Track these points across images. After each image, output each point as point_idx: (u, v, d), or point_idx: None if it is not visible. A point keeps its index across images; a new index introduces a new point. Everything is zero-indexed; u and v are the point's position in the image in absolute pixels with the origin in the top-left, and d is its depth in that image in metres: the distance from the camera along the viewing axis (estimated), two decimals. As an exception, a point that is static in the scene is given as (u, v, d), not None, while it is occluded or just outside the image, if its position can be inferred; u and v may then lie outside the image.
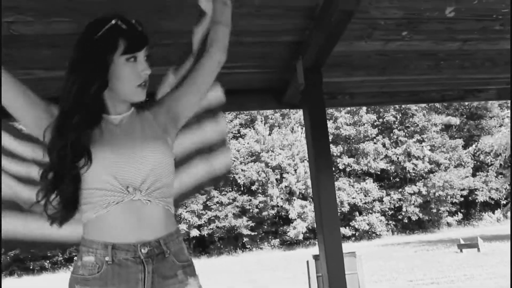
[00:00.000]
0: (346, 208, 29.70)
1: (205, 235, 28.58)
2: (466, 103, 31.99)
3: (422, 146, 31.88)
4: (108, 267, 1.43)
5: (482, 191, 32.13)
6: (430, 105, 31.37)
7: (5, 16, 2.47)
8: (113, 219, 1.45)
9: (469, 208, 32.96)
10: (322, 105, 3.23)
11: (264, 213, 29.10)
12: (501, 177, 31.88)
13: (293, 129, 32.05)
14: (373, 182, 31.70)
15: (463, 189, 31.75)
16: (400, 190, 31.78)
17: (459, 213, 32.29)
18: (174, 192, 1.64)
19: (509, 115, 29.93)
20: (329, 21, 2.63)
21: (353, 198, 30.46)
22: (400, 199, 31.40)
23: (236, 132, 32.00)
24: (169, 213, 1.55)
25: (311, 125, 3.20)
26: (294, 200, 29.36)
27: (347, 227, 29.53)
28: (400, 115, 32.82)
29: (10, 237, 2.00)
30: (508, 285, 9.06)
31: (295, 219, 28.78)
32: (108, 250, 1.43)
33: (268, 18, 2.77)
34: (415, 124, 32.63)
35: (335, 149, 30.89)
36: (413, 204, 31.10)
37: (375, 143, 32.05)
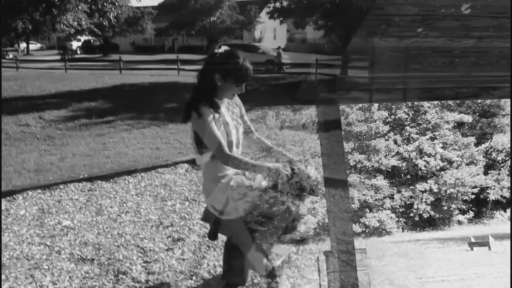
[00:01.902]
0: (356, 205, 29.61)
1: (215, 229, 28.63)
2: (479, 101, 31.71)
3: (434, 144, 31.66)
4: None
5: (493, 189, 31.81)
6: (442, 102, 31.12)
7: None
8: None
9: (480, 206, 32.68)
10: (335, 101, 3.23)
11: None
12: (513, 176, 31.62)
13: (304, 124, 31.98)
14: (384, 179, 31.54)
15: (475, 187, 31.49)
16: (411, 187, 31.60)
17: (470, 211, 32.06)
18: None
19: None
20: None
21: (363, 194, 30.36)
22: (411, 196, 31.21)
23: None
24: None
25: (325, 121, 3.20)
26: (305, 195, 29.28)
27: (357, 224, 29.45)
28: (412, 112, 32.58)
29: None
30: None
31: (305, 215, 28.77)
32: None
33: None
34: (428, 121, 32.41)
35: (346, 146, 30.69)
36: (424, 201, 30.93)
37: (386, 139, 31.84)
